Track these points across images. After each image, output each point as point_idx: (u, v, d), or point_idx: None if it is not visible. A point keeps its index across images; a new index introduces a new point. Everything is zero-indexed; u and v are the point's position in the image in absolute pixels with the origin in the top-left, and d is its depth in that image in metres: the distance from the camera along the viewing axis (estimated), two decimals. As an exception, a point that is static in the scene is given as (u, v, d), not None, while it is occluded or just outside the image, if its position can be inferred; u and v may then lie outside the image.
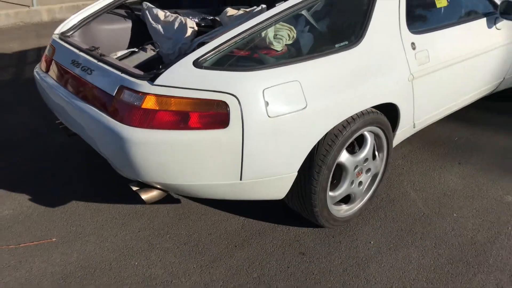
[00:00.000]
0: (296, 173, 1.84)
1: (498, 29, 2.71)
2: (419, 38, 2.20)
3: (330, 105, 1.79)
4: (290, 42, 2.03)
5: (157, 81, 1.63)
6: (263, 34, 1.99)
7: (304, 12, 1.94)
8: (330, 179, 1.93)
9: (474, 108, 3.44)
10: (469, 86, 2.65)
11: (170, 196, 2.38)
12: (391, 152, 2.23)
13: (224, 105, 1.61)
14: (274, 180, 1.81)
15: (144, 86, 1.64)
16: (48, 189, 2.43)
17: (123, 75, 1.74)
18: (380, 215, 2.25)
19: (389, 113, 2.20)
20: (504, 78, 3.04)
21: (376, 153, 2.18)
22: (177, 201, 2.35)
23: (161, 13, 2.46)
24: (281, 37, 2.08)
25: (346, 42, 1.94)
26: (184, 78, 1.63)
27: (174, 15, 2.42)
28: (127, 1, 2.59)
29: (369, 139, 2.06)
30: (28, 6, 5.99)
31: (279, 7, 1.85)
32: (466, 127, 3.17)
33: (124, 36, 2.62)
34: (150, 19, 2.48)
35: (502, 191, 2.45)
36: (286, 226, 2.17)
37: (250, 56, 1.84)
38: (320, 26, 2.03)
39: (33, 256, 1.96)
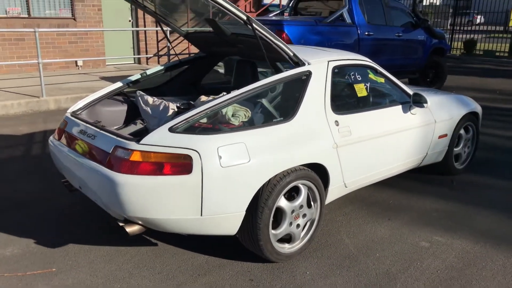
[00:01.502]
0: (244, 212, 2.46)
1: (413, 114, 3.49)
2: (342, 117, 2.94)
3: (268, 161, 2.46)
4: (246, 119, 2.77)
5: (142, 142, 2.31)
6: (223, 112, 2.73)
7: (252, 97, 2.68)
8: (271, 219, 2.53)
9: (408, 179, 4.12)
10: (391, 157, 3.35)
11: (147, 239, 2.93)
12: (324, 202, 2.85)
13: (189, 157, 2.27)
14: (227, 217, 2.41)
15: (132, 145, 2.31)
16: (51, 235, 2.97)
17: (117, 138, 2.42)
18: (317, 254, 2.81)
19: (323, 173, 2.86)
20: (427, 154, 3.76)
21: (312, 202, 2.81)
22: (155, 244, 2.90)
23: (150, 99, 3.22)
24: (239, 116, 2.82)
25: (282, 118, 2.67)
26: (161, 139, 2.31)
27: (160, 100, 3.17)
28: (124, 90, 3.36)
29: (303, 190, 2.70)
30: (38, 97, 6.86)
31: (229, 95, 2.59)
32: (400, 192, 3.82)
33: (121, 115, 3.36)
34: (141, 103, 3.23)
35: (419, 238, 3.04)
36: (241, 262, 2.71)
37: (210, 125, 2.55)
38: (263, 107, 2.78)
39: (36, 281, 2.47)
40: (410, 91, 3.52)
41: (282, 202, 2.60)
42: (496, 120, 6.57)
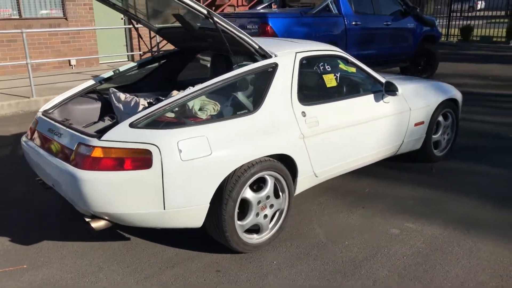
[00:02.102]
0: (208, 205, 2.49)
1: (386, 102, 3.51)
2: (309, 108, 2.97)
3: (231, 153, 2.49)
4: (215, 113, 2.81)
5: (103, 138, 2.35)
6: (190, 105, 2.76)
7: (217, 90, 2.71)
8: (236, 210, 2.57)
9: (386, 167, 4.14)
10: (363, 146, 3.37)
11: (121, 234, 2.98)
12: (292, 193, 2.88)
13: (148, 152, 2.31)
14: (191, 210, 2.45)
15: (93, 141, 2.35)
16: (26, 233, 3.03)
17: (81, 135, 2.46)
18: (286, 244, 2.85)
19: (291, 163, 2.89)
20: (403, 141, 3.78)
21: (280, 193, 2.84)
22: (128, 238, 2.95)
23: (122, 96, 3.26)
24: (207, 109, 2.86)
25: (246, 110, 2.70)
26: (122, 135, 2.35)
27: (132, 97, 3.21)
28: (98, 87, 3.41)
29: (269, 181, 2.73)
30: (28, 97, 6.93)
31: (193, 89, 2.62)
32: (377, 180, 3.84)
33: (95, 113, 3.40)
34: (114, 100, 3.26)
35: (390, 226, 3.07)
36: (210, 254, 2.75)
37: (175, 119, 2.59)
38: (228, 100, 2.81)
39: (7, 278, 2.53)
40: (382, 79, 3.53)
41: (248, 193, 2.63)
42: (484, 106, 6.56)
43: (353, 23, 7.06)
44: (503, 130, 5.30)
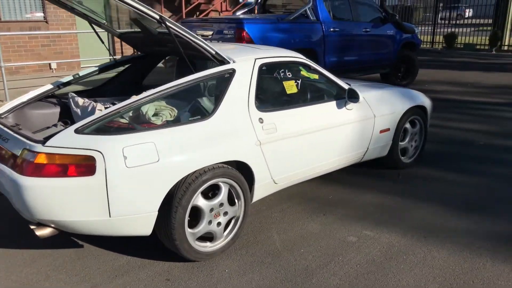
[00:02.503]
0: (156, 212, 2.46)
1: (349, 109, 3.50)
2: (267, 115, 2.95)
3: (181, 160, 2.46)
4: (172, 118, 2.78)
5: (47, 144, 2.31)
6: (143, 111, 2.73)
7: (170, 95, 2.67)
8: (186, 218, 2.53)
9: (354, 173, 4.13)
10: (325, 153, 3.35)
11: (74, 240, 2.93)
12: (248, 200, 2.85)
13: (92, 159, 2.27)
14: (138, 217, 2.41)
15: (37, 147, 2.31)
16: (-23, 240, 2.97)
17: (27, 141, 2.41)
18: (241, 252, 2.82)
19: (248, 170, 2.86)
20: (368, 148, 3.77)
21: (236, 200, 2.81)
22: (81, 246, 2.90)
23: (80, 100, 3.21)
24: (162, 115, 2.83)
25: (199, 116, 2.68)
26: (66, 141, 2.30)
27: (89, 102, 3.16)
28: (56, 92, 3.36)
29: (223, 188, 2.70)
30: (2, 101, 6.84)
31: (145, 94, 2.59)
32: (342, 187, 3.83)
33: (54, 118, 3.35)
34: (72, 105, 3.22)
35: (348, 233, 3.05)
36: (163, 262, 2.71)
37: (125, 125, 2.55)
38: (182, 105, 2.79)
39: (-49, 286, 2.47)
40: (346, 86, 3.53)
41: (200, 200, 2.60)
42: (460, 113, 6.59)
43: (331, 29, 7.08)
44: (475, 137, 5.32)
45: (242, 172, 2.88)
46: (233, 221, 2.84)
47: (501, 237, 2.98)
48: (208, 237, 2.74)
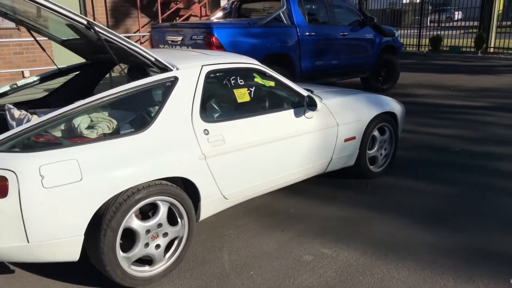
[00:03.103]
0: (82, 236, 2.23)
1: (308, 118, 3.29)
2: (214, 126, 2.74)
3: (109, 178, 2.24)
4: (110, 131, 2.55)
5: (-44, 163, 2.08)
6: (75, 123, 2.50)
7: (105, 104, 2.46)
8: (118, 242, 2.31)
9: (320, 184, 3.92)
10: (283, 165, 3.15)
11: (5, 264, 2.69)
12: (192, 219, 2.63)
13: (4, 179, 2.04)
14: (61, 242, 2.18)
15: None
16: None
17: None
18: (186, 275, 2.59)
19: (193, 186, 2.65)
20: (332, 158, 3.57)
21: (179, 219, 2.59)
22: (12, 271, 2.66)
23: (17, 112, 2.99)
24: (98, 127, 2.60)
25: (133, 129, 2.46)
26: (-23, 160, 2.08)
27: (25, 113, 2.94)
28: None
29: (161, 207, 2.48)
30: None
31: (74, 104, 2.37)
32: (306, 199, 3.62)
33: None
34: (8, 117, 2.99)
35: (304, 252, 2.83)
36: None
37: (50, 139, 2.32)
38: (116, 116, 2.58)
39: None
40: (305, 93, 3.32)
41: (133, 222, 2.38)
42: (438, 117, 6.42)
43: (307, 33, 6.90)
44: (452, 143, 5.15)
45: (187, 188, 2.66)
46: (176, 242, 2.62)
47: (465, 252, 2.79)
48: (148, 259, 2.52)
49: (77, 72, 3.58)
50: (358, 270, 2.62)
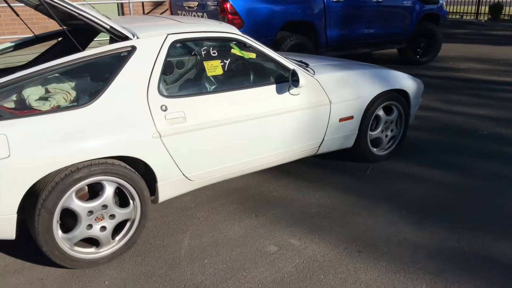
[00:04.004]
0: (15, 215, 2.12)
1: (293, 94, 2.98)
2: (174, 101, 2.51)
3: (42, 155, 2.09)
4: (67, 103, 2.40)
5: None
6: (25, 94, 2.37)
7: (43, 78, 2.30)
8: (55, 222, 2.18)
9: (316, 166, 3.62)
10: (259, 146, 2.88)
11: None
12: (146, 200, 2.46)
13: None
14: (-7, 220, 2.09)
15: None
16: None
17: None
18: (137, 260, 2.45)
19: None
20: (323, 140, 3.25)
21: (130, 201, 2.43)
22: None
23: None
24: (52, 99, 2.45)
25: (75, 103, 2.29)
26: None
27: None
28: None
29: (107, 188, 2.32)
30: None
31: (17, 74, 2.22)
32: (294, 182, 3.34)
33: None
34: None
35: (271, 241, 2.60)
36: (42, 266, 2.38)
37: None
38: (54, 89, 2.41)
39: None
40: (291, 67, 3.00)
41: (73, 202, 2.23)
42: (475, 95, 5.81)
43: None
44: (481, 125, 4.62)
45: (140, 168, 2.49)
46: (128, 224, 2.47)
47: (454, 255, 2.44)
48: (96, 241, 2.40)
49: (61, 39, 3.44)
50: (321, 268, 2.36)
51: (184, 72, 2.70)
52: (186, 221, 2.84)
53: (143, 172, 2.53)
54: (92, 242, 2.40)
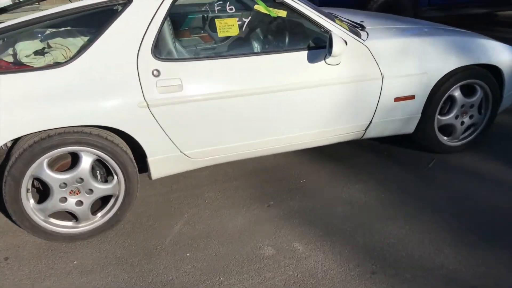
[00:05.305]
0: (-13, 179, 1.99)
1: (329, 64, 2.41)
2: (169, 66, 2.14)
3: (8, 119, 1.90)
4: (66, 59, 2.19)
5: None
6: (18, 48, 2.20)
7: (24, 32, 2.08)
8: (24, 191, 2.01)
9: (364, 148, 3.02)
10: (281, 124, 2.40)
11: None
12: (130, 176, 2.18)
13: None
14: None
15: None
16: None
17: None
18: (118, 241, 2.21)
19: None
20: (371, 122, 2.65)
21: (114, 175, 2.18)
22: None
23: None
24: (49, 55, 2.26)
25: (56, 62, 2.04)
26: None
27: None
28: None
29: (83, 159, 2.07)
30: None
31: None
32: (331, 169, 2.81)
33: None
34: None
35: (270, 242, 2.17)
36: (16, 236, 2.24)
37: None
38: (62, 44, 2.18)
39: None
40: (333, 29, 2.41)
41: (43, 172, 2.03)
42: None
43: None
44: None
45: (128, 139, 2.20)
46: (112, 201, 2.23)
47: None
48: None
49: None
50: (318, 285, 1.88)
51: (191, 31, 2.30)
52: (190, 202, 2.53)
53: (136, 145, 2.24)
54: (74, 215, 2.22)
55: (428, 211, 2.38)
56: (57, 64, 2.02)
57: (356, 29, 2.71)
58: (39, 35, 2.41)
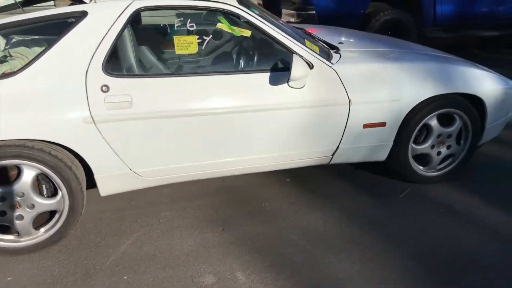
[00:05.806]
0: None
1: (293, 87, 2.32)
2: (119, 82, 2.09)
3: None
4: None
5: None
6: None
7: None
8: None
9: (337, 173, 2.91)
10: (237, 145, 2.33)
11: None
12: (74, 192, 2.12)
13: None
14: None
15: None
16: None
17: None
18: (59, 257, 2.16)
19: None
20: (338, 147, 2.55)
21: (59, 190, 2.13)
22: None
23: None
24: (9, 63, 2.25)
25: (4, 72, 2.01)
26: None
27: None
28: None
29: (24, 173, 2.03)
30: None
31: None
32: (300, 192, 2.72)
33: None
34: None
35: (212, 269, 2.08)
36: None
37: None
38: (21, 53, 2.15)
39: None
40: (300, 51, 2.33)
41: (-17, 184, 2.00)
42: None
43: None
44: None
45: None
46: (56, 216, 2.18)
47: None
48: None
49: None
50: (246, 324, 1.79)
51: (147, 47, 2.25)
52: (143, 220, 2.46)
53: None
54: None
55: (387, 245, 2.26)
56: (10, 74, 1.99)
57: (330, 51, 2.62)
58: (5, 42, 2.40)
